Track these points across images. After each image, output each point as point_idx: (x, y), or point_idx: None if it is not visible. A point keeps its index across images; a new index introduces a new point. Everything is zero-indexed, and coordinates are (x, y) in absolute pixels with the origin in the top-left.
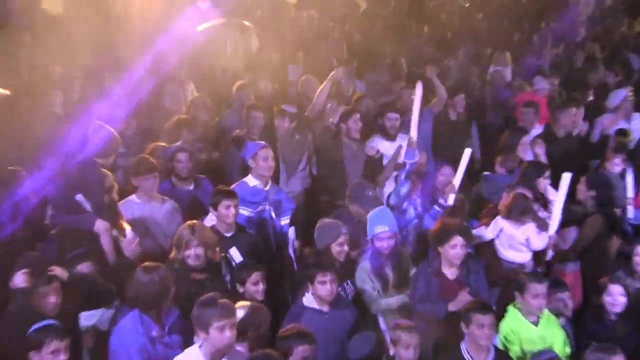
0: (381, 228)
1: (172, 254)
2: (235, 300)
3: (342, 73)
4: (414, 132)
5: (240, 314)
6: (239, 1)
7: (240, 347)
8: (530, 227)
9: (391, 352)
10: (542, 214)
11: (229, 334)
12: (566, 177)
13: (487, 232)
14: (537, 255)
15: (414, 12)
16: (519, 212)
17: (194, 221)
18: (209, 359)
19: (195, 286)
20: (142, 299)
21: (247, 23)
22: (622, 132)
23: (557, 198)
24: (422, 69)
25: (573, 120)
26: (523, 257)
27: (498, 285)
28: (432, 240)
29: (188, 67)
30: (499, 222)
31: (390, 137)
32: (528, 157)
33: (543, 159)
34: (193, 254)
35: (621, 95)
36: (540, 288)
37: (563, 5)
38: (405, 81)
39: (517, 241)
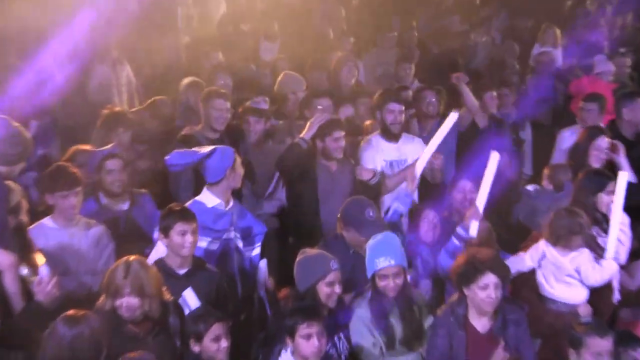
0: (385, 262)
1: (101, 299)
2: None
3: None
4: (419, 169)
5: None
6: None
7: None
8: (583, 255)
9: None
10: (603, 240)
11: None
12: (623, 178)
13: (525, 259)
14: (597, 297)
15: None
16: (565, 232)
17: (132, 258)
18: None
19: (132, 343)
20: None
21: None
22: None
23: (614, 207)
24: (441, 45)
25: None
26: (575, 294)
27: (540, 335)
28: (455, 280)
29: (123, 43)
30: (541, 246)
31: (392, 137)
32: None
33: (626, 169)
34: (125, 304)
35: None
36: (604, 344)
37: None
38: (417, 66)
39: (564, 272)
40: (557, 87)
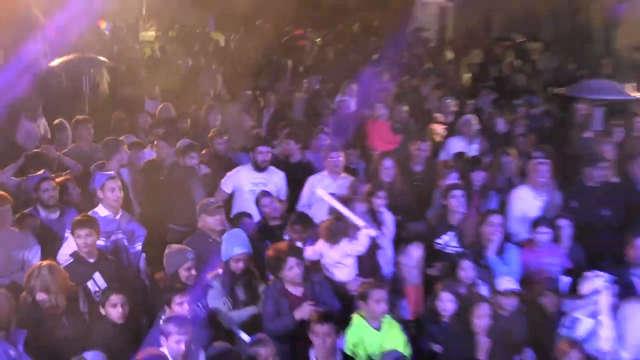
0: (239, 249)
1: (23, 293)
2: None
3: None
4: None
5: None
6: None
7: None
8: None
9: None
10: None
11: None
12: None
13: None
14: None
15: None
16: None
17: (44, 263)
18: None
19: (52, 321)
20: None
21: (101, 57)
22: None
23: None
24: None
25: None
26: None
27: None
28: (270, 270)
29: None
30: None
31: (259, 169)
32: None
33: None
34: (39, 299)
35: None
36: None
37: None
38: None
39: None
40: None
